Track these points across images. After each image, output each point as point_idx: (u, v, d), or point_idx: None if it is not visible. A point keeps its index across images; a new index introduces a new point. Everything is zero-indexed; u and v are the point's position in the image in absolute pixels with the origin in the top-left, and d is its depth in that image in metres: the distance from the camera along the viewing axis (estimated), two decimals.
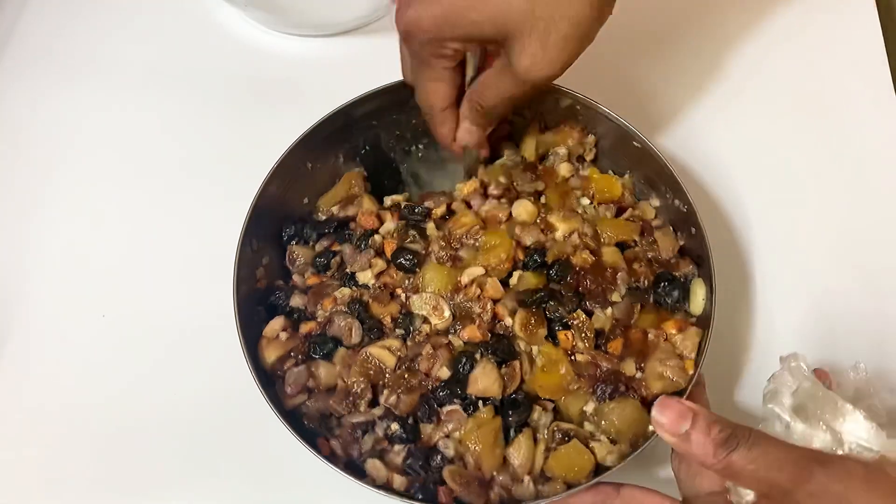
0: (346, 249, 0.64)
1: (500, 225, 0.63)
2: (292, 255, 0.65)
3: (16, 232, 0.74)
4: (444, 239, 0.62)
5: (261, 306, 0.63)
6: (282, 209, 0.66)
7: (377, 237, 0.64)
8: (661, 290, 0.61)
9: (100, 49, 0.84)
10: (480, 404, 0.56)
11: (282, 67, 0.83)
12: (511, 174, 0.66)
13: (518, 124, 0.70)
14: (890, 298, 0.69)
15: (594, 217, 0.64)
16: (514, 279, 0.61)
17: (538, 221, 0.63)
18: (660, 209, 0.66)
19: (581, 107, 0.67)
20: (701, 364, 0.56)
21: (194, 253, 0.72)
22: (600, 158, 0.70)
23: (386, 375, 0.58)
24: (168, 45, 0.84)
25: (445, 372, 0.57)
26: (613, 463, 0.54)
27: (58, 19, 0.86)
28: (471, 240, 0.62)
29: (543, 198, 0.65)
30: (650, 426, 0.54)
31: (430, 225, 0.64)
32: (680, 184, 0.62)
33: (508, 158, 0.69)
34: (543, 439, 0.56)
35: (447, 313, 0.59)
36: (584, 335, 0.58)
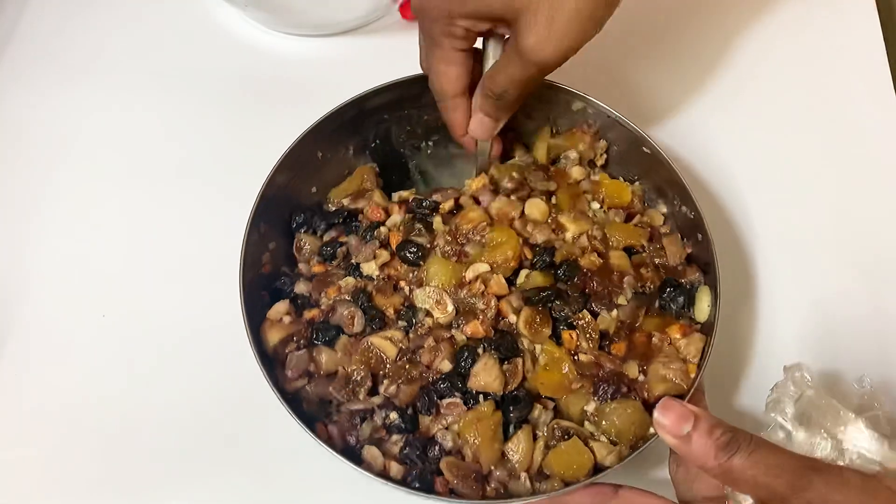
0: (352, 240, 0.64)
1: (512, 222, 0.63)
2: (300, 243, 0.65)
3: (16, 232, 0.74)
4: (451, 234, 0.62)
5: (265, 291, 0.62)
6: (290, 197, 0.66)
7: (383, 229, 0.64)
8: (667, 296, 0.61)
9: (100, 49, 0.84)
10: (481, 398, 0.56)
11: (282, 67, 0.83)
12: (524, 172, 0.66)
13: (530, 127, 0.71)
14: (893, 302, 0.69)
15: (603, 221, 0.64)
16: (522, 277, 0.61)
17: (549, 221, 0.63)
18: (667, 216, 0.66)
19: (593, 111, 0.67)
20: (704, 369, 0.56)
21: (194, 253, 0.72)
22: (610, 164, 0.70)
23: (386, 365, 0.58)
24: (168, 45, 0.84)
25: (447, 365, 0.57)
26: (612, 463, 0.54)
27: (58, 20, 0.86)
28: (477, 236, 0.62)
29: (554, 199, 0.65)
30: (650, 428, 0.54)
31: (437, 219, 0.63)
32: (689, 191, 0.62)
33: (520, 159, 0.69)
34: (543, 436, 0.56)
35: (450, 308, 0.59)
36: (589, 335, 0.58)
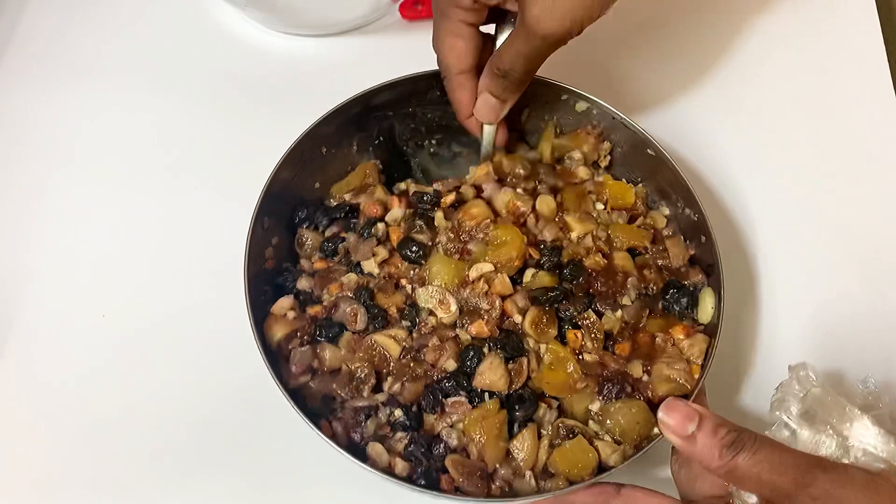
0: (351, 238, 0.63)
1: (521, 219, 0.62)
2: (302, 239, 0.65)
3: (16, 232, 0.73)
4: (453, 230, 0.61)
5: (268, 286, 0.62)
6: (293, 192, 0.66)
7: (380, 225, 0.63)
8: (670, 298, 0.61)
9: (100, 50, 0.83)
10: (486, 397, 0.56)
11: (282, 67, 0.82)
12: (535, 165, 0.66)
13: (534, 127, 0.71)
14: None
15: (607, 221, 0.65)
16: (528, 276, 0.61)
17: (557, 220, 0.63)
18: (670, 218, 0.67)
19: (597, 111, 0.67)
20: (707, 369, 0.56)
21: (194, 253, 0.71)
22: (614, 166, 0.70)
23: (390, 363, 0.58)
24: (167, 46, 0.84)
25: (452, 364, 0.57)
26: (616, 462, 0.54)
27: (57, 21, 0.85)
28: (480, 233, 0.61)
29: (559, 197, 0.65)
30: (654, 428, 0.55)
31: (439, 214, 0.62)
32: (692, 193, 0.62)
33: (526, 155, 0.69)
34: (548, 435, 0.56)
35: (454, 308, 0.59)
36: (594, 335, 0.58)
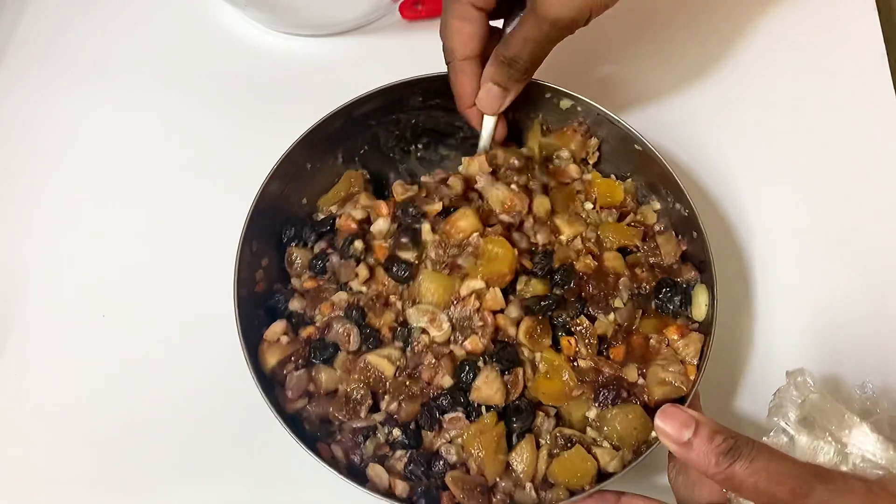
0: (334, 258, 0.62)
1: (520, 217, 0.61)
2: (291, 257, 0.64)
3: (16, 232, 0.74)
4: (441, 245, 0.60)
5: (260, 309, 0.62)
6: (281, 210, 0.65)
7: (358, 244, 0.61)
8: (663, 296, 0.61)
9: (99, 49, 0.83)
10: (483, 410, 0.56)
11: (282, 67, 0.82)
12: (527, 159, 0.65)
13: (520, 127, 0.70)
14: (894, 304, 0.69)
15: (596, 221, 0.64)
16: (521, 284, 0.60)
17: (548, 223, 0.63)
18: (661, 213, 0.66)
19: (582, 108, 0.66)
20: (703, 370, 0.56)
21: (194, 253, 0.72)
22: (602, 162, 0.69)
23: (386, 383, 0.57)
24: (167, 46, 0.84)
25: (448, 380, 0.57)
26: (616, 469, 0.54)
27: (58, 20, 0.85)
28: (469, 247, 0.59)
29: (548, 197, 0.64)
30: (652, 432, 0.54)
31: (426, 226, 0.60)
32: (681, 187, 0.61)
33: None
34: (546, 445, 0.56)
35: (446, 325, 0.58)
36: (588, 341, 0.58)
